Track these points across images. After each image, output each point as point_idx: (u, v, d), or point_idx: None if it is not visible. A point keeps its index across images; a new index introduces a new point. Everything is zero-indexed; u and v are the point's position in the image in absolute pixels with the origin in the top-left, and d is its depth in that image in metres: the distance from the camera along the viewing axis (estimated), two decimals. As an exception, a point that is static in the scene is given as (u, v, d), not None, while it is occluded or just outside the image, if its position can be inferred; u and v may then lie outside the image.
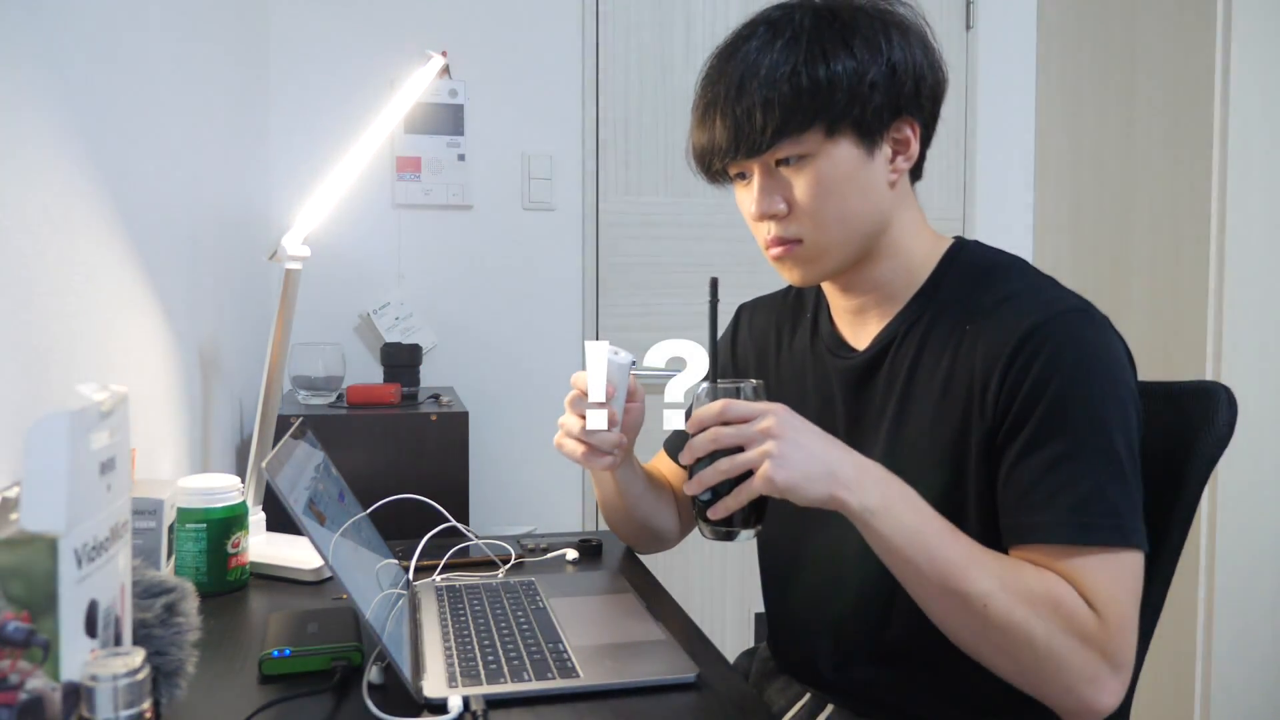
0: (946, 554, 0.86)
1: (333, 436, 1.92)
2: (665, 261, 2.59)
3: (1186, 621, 2.24)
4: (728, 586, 2.65)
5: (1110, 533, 0.87)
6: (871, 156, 0.97)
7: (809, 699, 1.11)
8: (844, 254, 1.00)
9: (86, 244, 1.06)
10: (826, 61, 0.93)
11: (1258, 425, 2.20)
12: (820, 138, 0.95)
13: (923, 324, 1.01)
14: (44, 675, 0.60)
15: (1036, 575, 0.87)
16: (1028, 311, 0.93)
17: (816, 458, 0.87)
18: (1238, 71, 2.18)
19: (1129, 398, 0.92)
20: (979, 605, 0.85)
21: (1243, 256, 2.21)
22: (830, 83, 0.93)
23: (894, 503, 0.88)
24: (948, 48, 2.71)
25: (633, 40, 2.56)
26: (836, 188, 0.96)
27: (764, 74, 0.94)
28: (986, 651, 0.88)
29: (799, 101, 0.94)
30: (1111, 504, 0.87)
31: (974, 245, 1.04)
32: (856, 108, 0.94)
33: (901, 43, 0.97)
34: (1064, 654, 0.84)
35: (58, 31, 0.99)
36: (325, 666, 0.92)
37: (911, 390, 0.99)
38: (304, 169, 2.34)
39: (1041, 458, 0.89)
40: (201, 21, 1.64)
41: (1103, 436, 0.88)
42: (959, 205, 2.78)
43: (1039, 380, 0.90)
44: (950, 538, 0.88)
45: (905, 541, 0.87)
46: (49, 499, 0.61)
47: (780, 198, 0.98)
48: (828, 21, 0.96)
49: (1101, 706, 0.85)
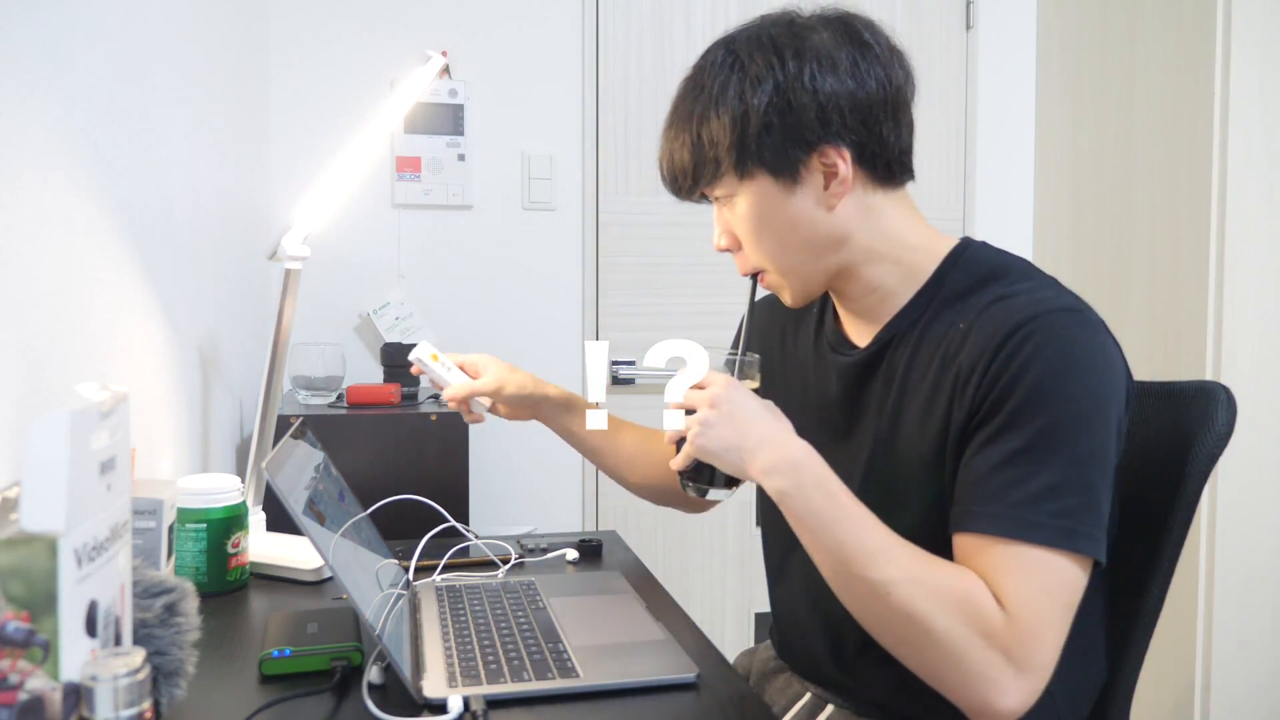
0: (853, 540, 0.88)
1: (333, 436, 1.92)
2: (665, 261, 2.59)
3: (1186, 621, 2.24)
4: (728, 586, 2.65)
5: (1054, 534, 0.85)
6: (793, 191, 0.97)
7: (809, 699, 1.11)
8: (806, 277, 1.02)
9: (86, 244, 1.06)
10: (718, 111, 0.96)
11: (1258, 425, 2.20)
12: (734, 180, 0.98)
13: (922, 322, 1.00)
14: (44, 675, 0.60)
15: (949, 570, 0.87)
16: (1019, 309, 0.92)
17: (740, 432, 0.93)
18: (1238, 71, 2.18)
19: (1111, 401, 0.90)
20: (882, 593, 0.86)
21: (1243, 256, 2.21)
22: (721, 132, 0.96)
23: (806, 487, 0.91)
24: (947, 48, 2.74)
25: (633, 40, 2.56)
26: (763, 223, 0.99)
27: (679, 121, 1.00)
28: (890, 641, 0.89)
29: (701, 153, 0.98)
30: (1062, 505, 0.85)
31: (979, 246, 1.03)
32: (751, 152, 0.96)
33: (802, 74, 0.94)
34: (964, 650, 0.83)
35: (58, 31, 0.99)
36: (325, 666, 0.92)
37: (906, 387, 0.99)
38: (304, 169, 2.35)
39: (1002, 449, 0.88)
40: (201, 21, 1.64)
41: (1069, 438, 0.87)
42: (959, 205, 2.78)
43: (1016, 374, 0.89)
44: (862, 526, 0.89)
45: (813, 524, 0.90)
46: (49, 499, 0.61)
47: (725, 232, 1.05)
48: (729, 67, 0.97)
49: (1000, 708, 0.84)
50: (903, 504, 0.98)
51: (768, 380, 1.18)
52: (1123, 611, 1.04)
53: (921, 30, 2.73)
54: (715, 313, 2.57)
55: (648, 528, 2.60)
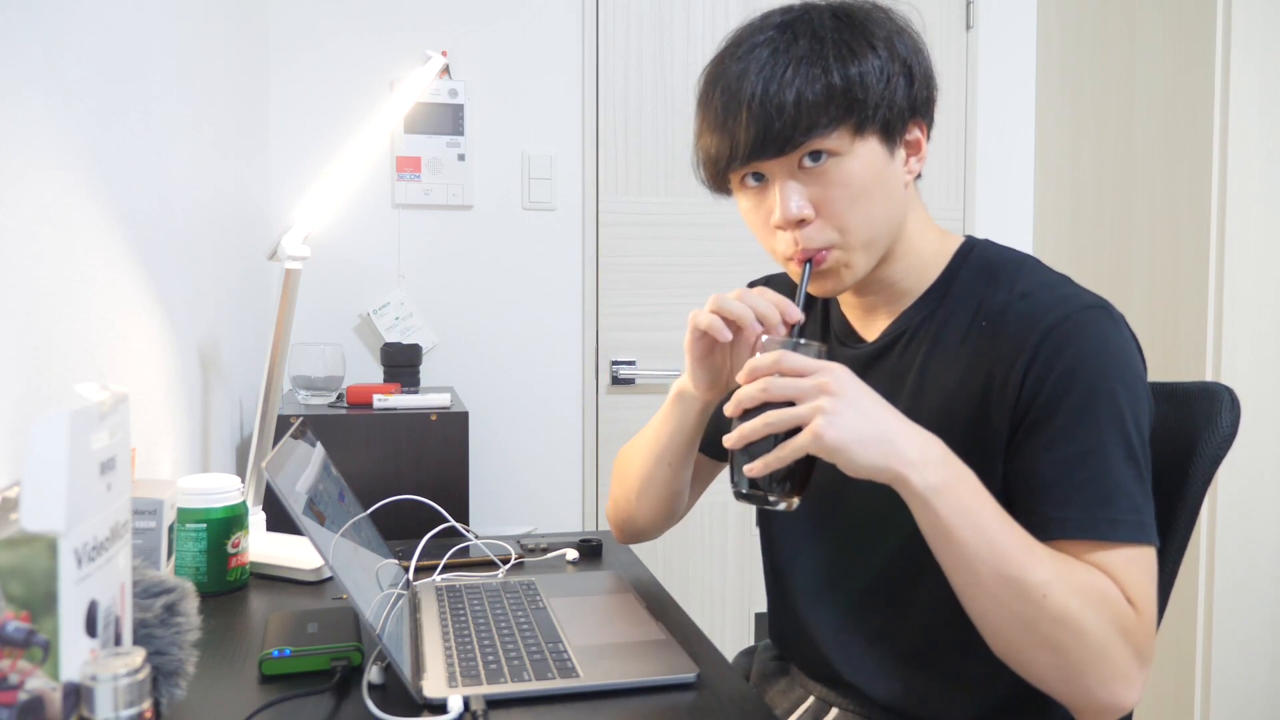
0: (1007, 539, 0.83)
1: (333, 436, 1.92)
2: (665, 261, 2.59)
3: (1186, 621, 2.24)
4: (728, 586, 2.65)
5: (1134, 529, 0.86)
6: (893, 157, 0.97)
7: (812, 702, 1.10)
8: (870, 259, 0.98)
9: (86, 244, 1.06)
10: (857, 59, 0.93)
11: (1258, 426, 2.20)
12: (849, 136, 0.93)
13: (935, 320, 1.00)
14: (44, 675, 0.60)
15: (1084, 568, 0.85)
16: (1047, 307, 0.93)
17: (875, 422, 0.83)
18: (1238, 71, 2.18)
19: (1144, 394, 0.92)
20: (1038, 595, 0.81)
21: (1243, 256, 2.21)
22: (862, 80, 0.93)
23: (955, 483, 0.84)
24: (948, 48, 2.74)
25: (633, 40, 2.56)
26: (865, 188, 0.95)
27: (790, 73, 0.92)
28: (1031, 644, 0.84)
29: (830, 98, 0.92)
30: (1133, 501, 0.87)
31: (985, 243, 1.05)
32: (884, 107, 0.94)
33: (911, 45, 0.98)
34: (1109, 648, 0.83)
35: (58, 30, 0.99)
36: (325, 666, 0.92)
37: (923, 385, 0.99)
38: (304, 169, 2.35)
39: (1066, 452, 0.89)
40: (201, 21, 1.64)
41: (1123, 433, 0.88)
42: (959, 205, 2.78)
43: (1063, 376, 0.89)
44: (1008, 524, 0.85)
45: (966, 524, 0.83)
46: (49, 499, 0.61)
47: (806, 201, 0.94)
48: (845, 23, 0.96)
49: (1128, 703, 0.85)
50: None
51: None
52: (1123, 611, 1.04)
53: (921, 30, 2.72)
54: (715, 313, 2.56)
55: (648, 528, 2.60)
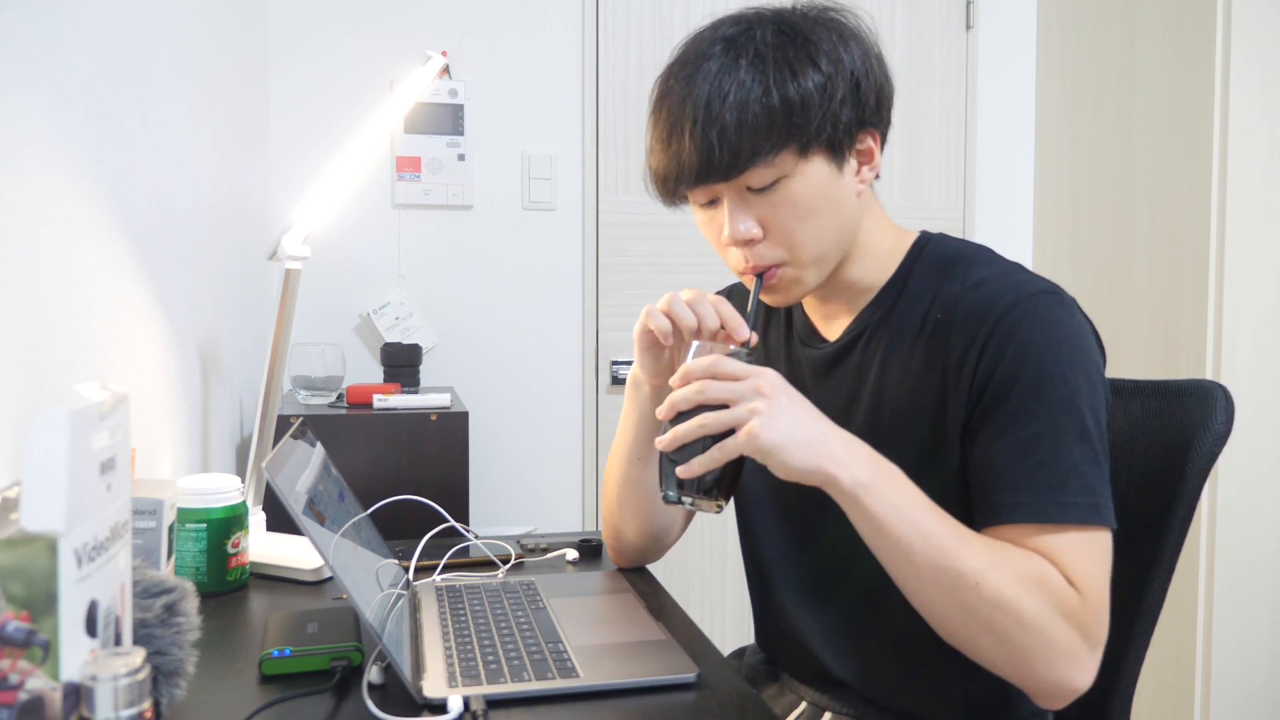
0: (938, 530, 0.85)
1: (333, 436, 1.92)
2: (665, 261, 2.59)
3: (1186, 621, 2.24)
4: (728, 586, 2.65)
5: (1086, 511, 0.87)
6: (841, 172, 0.96)
7: (805, 708, 1.10)
8: (821, 272, 0.99)
9: (86, 244, 1.06)
10: (796, 80, 0.91)
11: (1257, 425, 2.20)
12: (794, 158, 0.93)
13: (893, 317, 1.01)
14: (44, 675, 0.60)
15: (1021, 554, 0.87)
16: (998, 294, 0.94)
17: (807, 425, 0.85)
18: (1238, 71, 2.18)
19: (1098, 378, 0.93)
20: (971, 583, 0.83)
21: (1243, 256, 2.21)
22: (803, 102, 0.91)
23: (884, 480, 0.86)
24: (948, 48, 2.74)
25: (633, 40, 2.56)
26: (812, 207, 0.95)
27: (733, 95, 0.91)
28: (973, 632, 0.86)
29: (772, 123, 0.91)
30: (1086, 482, 0.88)
31: (939, 238, 1.05)
32: (828, 125, 0.93)
33: (860, 54, 0.96)
34: (1050, 631, 0.84)
35: (58, 31, 0.99)
36: (325, 666, 0.92)
37: (885, 381, 1.00)
38: (304, 169, 2.35)
39: (1017, 437, 0.89)
40: (201, 21, 1.64)
41: (1076, 416, 0.89)
42: (959, 205, 2.78)
43: (1013, 361, 0.90)
44: (939, 516, 0.87)
45: (897, 518, 0.85)
46: (49, 499, 0.61)
47: (754, 221, 0.95)
48: (789, 37, 0.93)
49: (1079, 684, 0.85)
50: None
51: None
52: (1123, 611, 1.04)
53: (921, 30, 2.73)
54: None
55: (648, 528, 2.60)
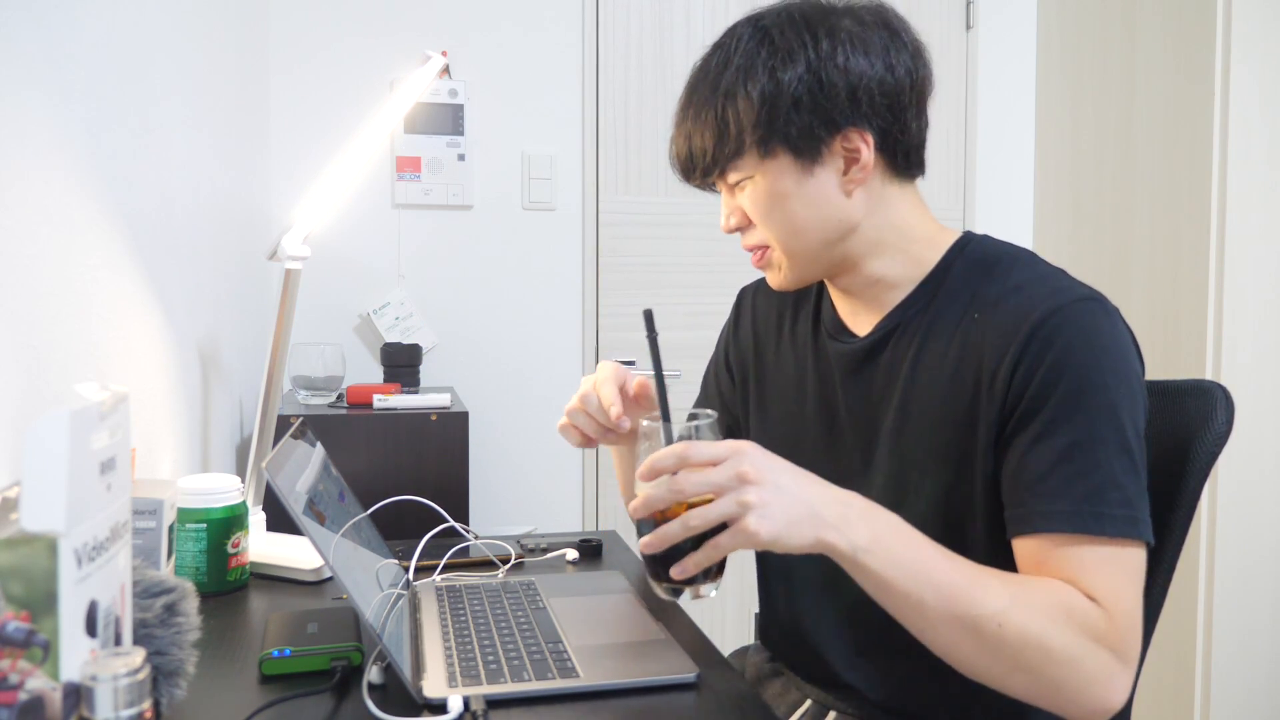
0: (951, 578, 0.82)
1: (333, 436, 1.92)
2: (665, 261, 2.59)
3: (1186, 621, 2.24)
4: (728, 586, 2.65)
5: (1123, 524, 0.85)
6: (811, 172, 0.96)
7: (810, 705, 1.10)
8: (812, 260, 1.01)
9: (86, 244, 1.06)
10: (746, 86, 0.94)
11: (1257, 424, 2.20)
12: (755, 160, 0.96)
13: (928, 314, 1.00)
14: (44, 675, 0.60)
15: (1041, 584, 0.85)
16: (1039, 299, 0.92)
17: (799, 500, 0.80)
18: (1238, 71, 2.18)
19: (1139, 388, 0.91)
20: (993, 626, 0.81)
21: (1243, 256, 2.21)
22: (748, 109, 0.94)
23: (884, 535, 0.82)
24: (948, 48, 2.74)
25: (633, 40, 2.56)
26: (777, 204, 0.97)
27: (702, 99, 0.97)
28: (1000, 671, 0.84)
29: (726, 129, 0.95)
30: (1125, 495, 0.86)
31: (982, 238, 1.04)
32: (780, 130, 0.94)
33: (835, 53, 0.94)
34: (1082, 659, 0.82)
35: (58, 31, 0.99)
36: (325, 666, 0.92)
37: (915, 379, 0.99)
38: (304, 169, 2.35)
39: (1055, 445, 0.88)
40: (202, 21, 1.64)
41: (1116, 426, 0.87)
42: (959, 205, 2.79)
43: (1053, 368, 0.89)
44: (949, 561, 0.84)
45: (904, 575, 0.81)
46: (49, 499, 0.61)
47: (738, 214, 1.01)
48: (757, 43, 0.95)
49: (1114, 704, 0.84)
50: (914, 494, 0.98)
51: (767, 370, 1.17)
52: (1123, 611, 1.04)
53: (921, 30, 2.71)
54: (715, 313, 2.56)
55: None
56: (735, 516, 0.78)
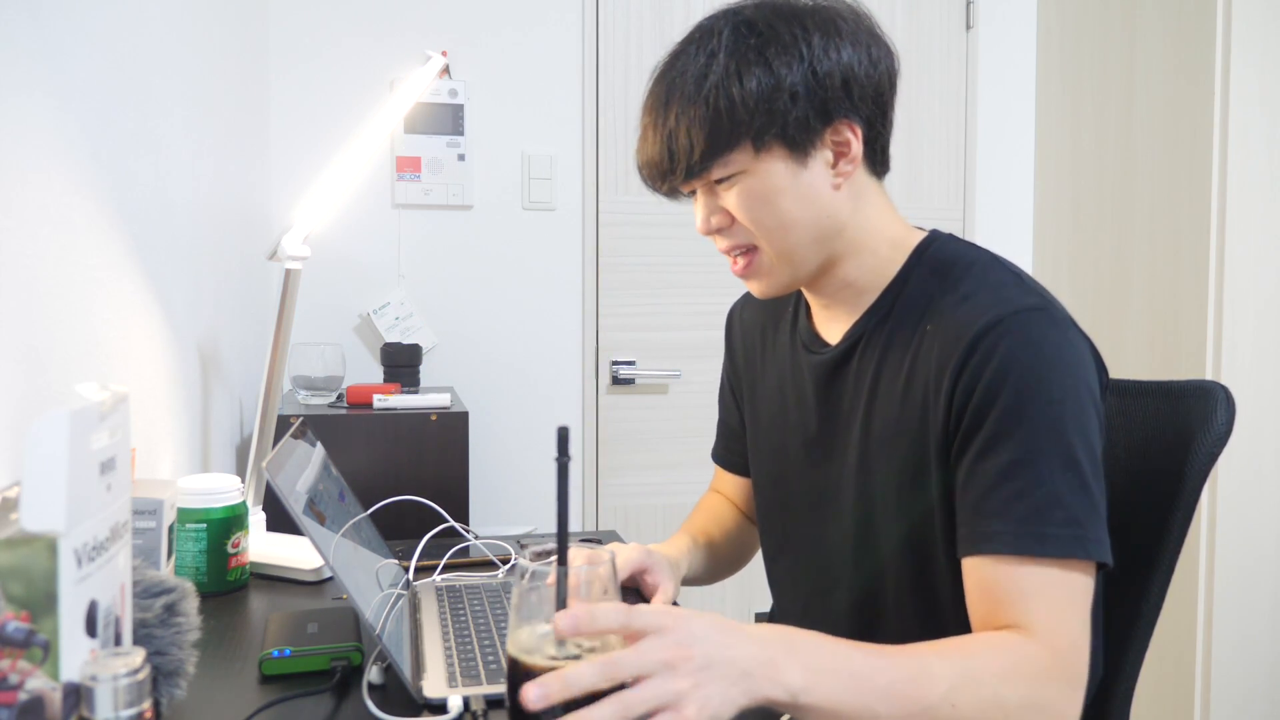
0: (891, 679, 0.76)
1: (333, 436, 1.92)
2: (665, 261, 2.59)
3: (1186, 621, 2.24)
4: (728, 586, 2.65)
5: (1068, 543, 0.83)
6: (805, 165, 0.95)
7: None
8: (801, 260, 0.98)
9: (86, 244, 1.06)
10: (741, 79, 0.92)
11: (1257, 425, 2.20)
12: (749, 155, 0.94)
13: (889, 322, 0.99)
14: (44, 675, 0.60)
15: (977, 643, 0.83)
16: (981, 310, 0.90)
17: (733, 667, 0.71)
18: (1238, 71, 2.18)
19: (1089, 400, 0.88)
20: (946, 708, 0.77)
21: (1243, 256, 2.21)
22: (745, 101, 0.91)
23: (813, 664, 0.75)
24: (948, 48, 2.74)
25: (633, 40, 2.56)
26: (770, 200, 0.95)
27: (686, 95, 0.94)
28: None
29: (719, 123, 0.92)
30: (1070, 513, 0.83)
31: (945, 239, 1.02)
32: (778, 122, 0.92)
33: (826, 45, 0.93)
34: (1039, 703, 0.80)
35: (58, 31, 0.99)
36: (325, 666, 0.92)
37: (877, 391, 0.98)
38: (304, 169, 2.35)
39: (996, 463, 0.85)
40: (202, 21, 1.64)
41: (1060, 441, 0.84)
42: (959, 205, 2.78)
43: (993, 382, 0.86)
44: (884, 659, 0.78)
45: (849, 697, 0.75)
46: (49, 499, 0.61)
47: (721, 214, 0.98)
48: (744, 35, 0.93)
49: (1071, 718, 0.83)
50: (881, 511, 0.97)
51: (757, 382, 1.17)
52: (1123, 611, 1.04)
53: (921, 30, 2.73)
54: (715, 313, 2.56)
55: (648, 528, 2.60)
56: (674, 707, 0.68)
